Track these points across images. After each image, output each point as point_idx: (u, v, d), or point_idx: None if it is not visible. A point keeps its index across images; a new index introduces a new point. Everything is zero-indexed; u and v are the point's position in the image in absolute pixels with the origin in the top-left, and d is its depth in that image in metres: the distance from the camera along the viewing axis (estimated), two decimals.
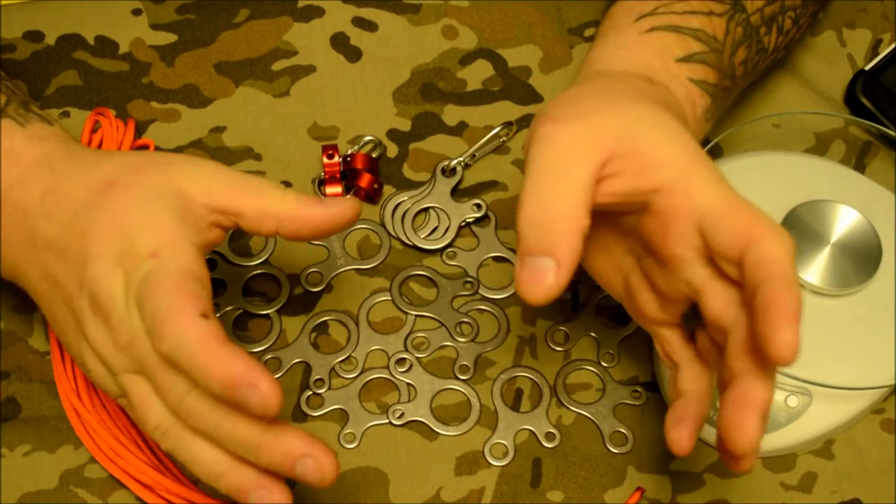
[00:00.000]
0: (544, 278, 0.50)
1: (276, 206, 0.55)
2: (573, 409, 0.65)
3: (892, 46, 0.74)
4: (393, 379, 0.65)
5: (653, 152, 0.51)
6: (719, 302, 0.51)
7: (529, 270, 0.50)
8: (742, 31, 0.62)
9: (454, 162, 0.70)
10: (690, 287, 0.52)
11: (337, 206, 0.55)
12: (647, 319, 0.57)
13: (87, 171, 0.55)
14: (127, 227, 0.52)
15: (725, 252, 0.50)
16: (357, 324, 0.67)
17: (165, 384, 0.51)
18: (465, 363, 0.66)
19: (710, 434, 0.64)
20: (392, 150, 0.72)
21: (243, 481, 0.51)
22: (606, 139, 0.51)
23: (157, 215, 0.52)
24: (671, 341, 0.56)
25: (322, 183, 0.70)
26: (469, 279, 0.68)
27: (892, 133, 0.71)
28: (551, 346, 0.67)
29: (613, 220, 0.55)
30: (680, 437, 0.52)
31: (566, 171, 0.51)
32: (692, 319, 0.55)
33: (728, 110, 0.68)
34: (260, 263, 0.68)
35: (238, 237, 0.69)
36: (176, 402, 0.51)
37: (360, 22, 0.75)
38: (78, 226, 0.53)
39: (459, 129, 0.72)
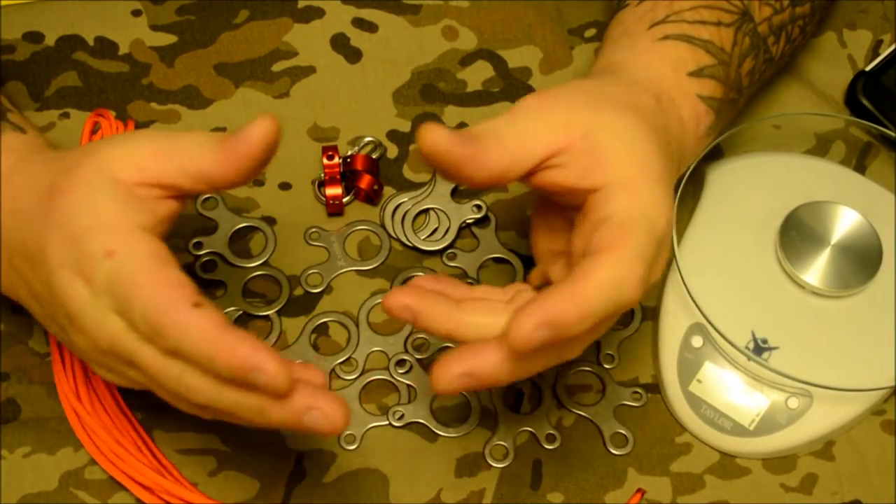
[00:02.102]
0: (454, 136, 0.50)
1: (198, 169, 0.52)
2: (573, 410, 0.65)
3: (892, 47, 0.74)
4: (393, 380, 0.65)
5: (605, 158, 0.53)
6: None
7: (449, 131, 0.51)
8: (749, 42, 0.61)
9: None
10: None
11: (248, 137, 0.51)
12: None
13: (36, 182, 0.54)
14: (75, 231, 0.51)
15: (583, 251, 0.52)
16: (357, 325, 0.67)
17: (159, 372, 0.51)
18: None
19: (711, 436, 0.64)
20: (392, 151, 0.72)
21: (290, 414, 0.50)
22: (573, 131, 0.53)
23: (101, 211, 0.52)
24: None
25: (322, 184, 0.70)
26: (469, 280, 0.68)
27: (892, 134, 0.71)
28: None
29: (564, 211, 0.57)
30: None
31: (530, 133, 0.52)
32: None
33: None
34: (260, 265, 0.68)
35: (238, 239, 0.69)
36: (175, 386, 0.51)
37: (360, 23, 0.75)
38: (37, 242, 0.53)
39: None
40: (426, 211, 0.70)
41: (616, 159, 0.53)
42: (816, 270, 0.64)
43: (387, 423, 0.64)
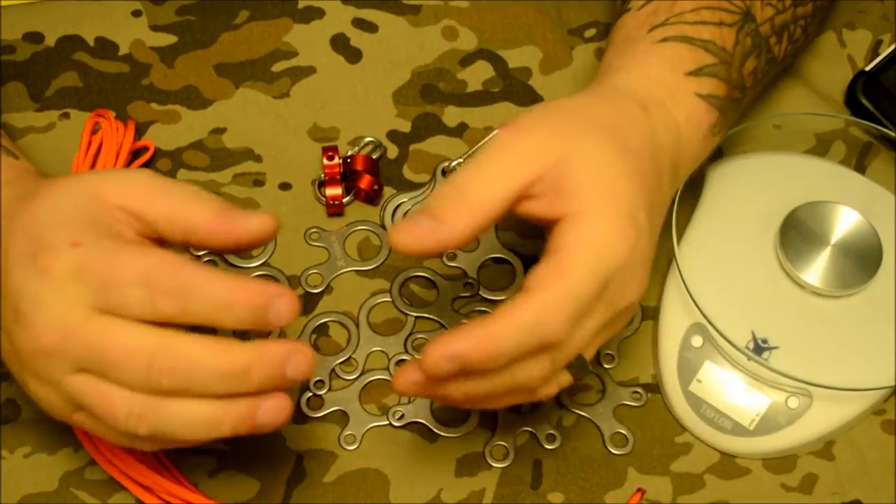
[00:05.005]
0: (418, 228, 0.51)
1: (185, 216, 0.52)
2: (573, 410, 0.65)
3: (892, 47, 0.74)
4: None
5: (569, 187, 0.53)
6: None
7: (411, 221, 0.51)
8: (751, 42, 0.61)
9: (454, 163, 0.70)
10: None
11: (248, 220, 0.52)
12: None
13: (21, 194, 0.54)
14: (38, 228, 0.51)
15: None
16: (357, 325, 0.67)
17: (124, 359, 0.49)
18: None
19: (711, 436, 0.64)
20: (392, 152, 0.72)
21: (244, 409, 0.50)
22: (546, 160, 0.53)
23: (69, 213, 0.51)
24: None
25: (322, 184, 0.70)
26: (469, 280, 0.68)
27: (892, 134, 0.71)
28: None
29: None
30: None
31: (497, 175, 0.53)
32: None
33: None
34: (260, 265, 0.68)
35: None
36: (145, 371, 0.49)
37: (360, 23, 0.75)
38: (3, 242, 0.52)
39: (460, 131, 0.72)
40: None
41: (579, 188, 0.53)
42: (816, 270, 0.64)
43: (387, 423, 0.64)
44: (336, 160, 0.70)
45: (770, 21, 0.63)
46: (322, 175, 0.70)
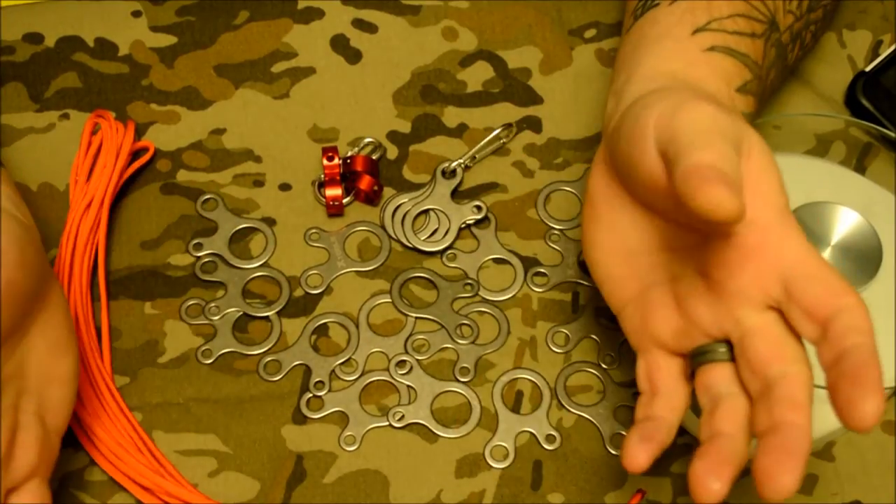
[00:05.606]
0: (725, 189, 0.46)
1: None
2: (574, 411, 0.65)
3: (892, 48, 0.74)
4: (393, 381, 0.65)
5: (758, 184, 0.50)
6: (769, 350, 0.50)
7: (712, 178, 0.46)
8: (775, 53, 0.60)
9: (454, 164, 0.70)
10: (736, 325, 0.51)
11: None
12: (647, 337, 0.55)
13: None
14: None
15: (813, 308, 0.49)
16: (357, 326, 0.67)
17: None
18: (465, 365, 0.66)
19: None
20: (392, 152, 0.72)
21: None
22: (739, 145, 0.50)
23: None
24: (662, 367, 0.54)
25: (322, 185, 0.70)
26: (469, 281, 0.68)
27: (892, 134, 0.71)
28: (552, 347, 0.67)
29: (666, 230, 0.53)
30: (639, 453, 0.51)
31: (731, 151, 0.49)
32: (697, 356, 0.53)
33: None
34: (260, 266, 0.68)
35: (238, 239, 0.69)
36: None
37: (359, 24, 0.75)
38: None
39: (459, 131, 0.72)
40: (426, 212, 0.70)
41: (765, 185, 0.50)
42: None
43: (387, 423, 0.64)
44: (336, 161, 0.70)
45: (790, 29, 0.61)
46: (322, 176, 0.70)
